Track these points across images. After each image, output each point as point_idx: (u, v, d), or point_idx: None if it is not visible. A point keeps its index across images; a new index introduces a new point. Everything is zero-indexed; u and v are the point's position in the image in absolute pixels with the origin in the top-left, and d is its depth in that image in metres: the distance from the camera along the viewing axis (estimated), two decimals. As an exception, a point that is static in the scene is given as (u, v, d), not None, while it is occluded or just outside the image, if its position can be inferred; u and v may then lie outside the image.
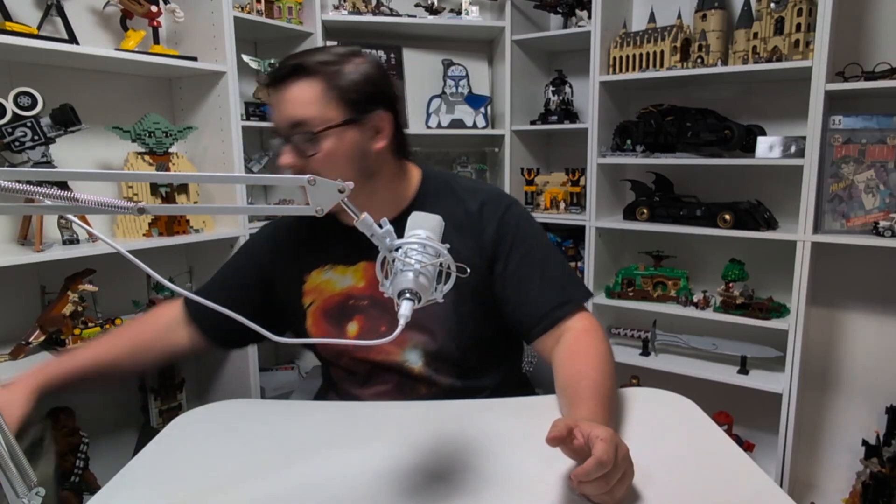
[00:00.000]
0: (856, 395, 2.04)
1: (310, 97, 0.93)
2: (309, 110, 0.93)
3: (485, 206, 1.06)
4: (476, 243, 1.03)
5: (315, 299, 1.08)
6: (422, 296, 0.65)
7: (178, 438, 0.90)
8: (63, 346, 1.55)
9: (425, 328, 1.03)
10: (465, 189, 1.09)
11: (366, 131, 0.97)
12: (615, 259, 2.33)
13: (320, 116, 0.93)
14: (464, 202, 1.06)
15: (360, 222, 0.65)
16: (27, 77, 1.61)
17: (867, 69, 1.78)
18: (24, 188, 0.52)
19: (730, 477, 0.77)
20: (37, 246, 1.49)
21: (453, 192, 1.08)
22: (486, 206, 1.06)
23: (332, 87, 0.94)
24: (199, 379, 2.13)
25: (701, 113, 2.00)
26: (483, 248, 1.03)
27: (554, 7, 2.25)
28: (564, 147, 2.55)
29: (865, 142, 1.75)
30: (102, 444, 1.88)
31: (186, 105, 1.97)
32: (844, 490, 2.01)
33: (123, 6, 1.72)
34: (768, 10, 1.81)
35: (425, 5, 2.28)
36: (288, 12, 2.09)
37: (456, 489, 0.73)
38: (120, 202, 0.56)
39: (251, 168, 2.11)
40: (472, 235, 1.04)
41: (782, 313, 1.91)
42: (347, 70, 0.95)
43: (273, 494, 0.73)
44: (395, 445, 0.84)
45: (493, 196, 1.08)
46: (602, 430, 0.69)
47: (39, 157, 1.51)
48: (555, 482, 0.75)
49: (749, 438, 2.14)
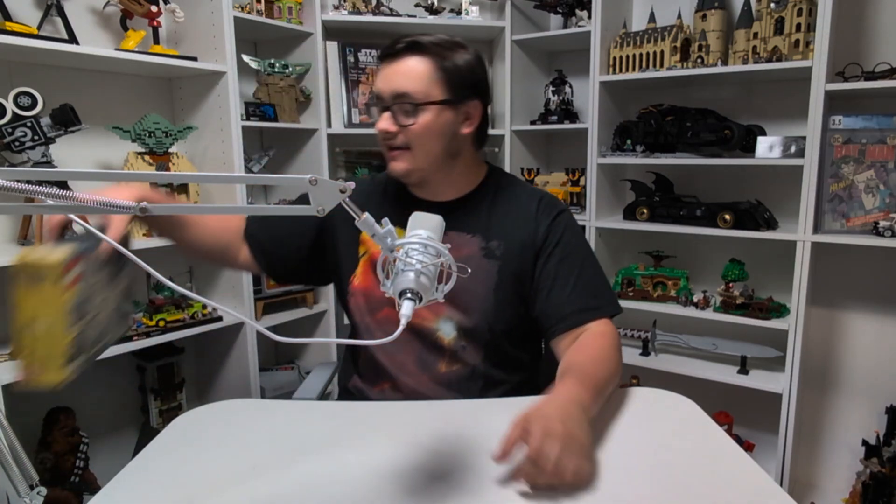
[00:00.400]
0: (856, 395, 2.04)
1: (419, 73, 1.02)
2: (416, 84, 1.01)
3: (541, 205, 1.14)
4: (529, 236, 1.10)
5: (368, 249, 1.12)
6: (423, 296, 0.65)
7: (178, 438, 0.90)
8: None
9: (463, 304, 1.06)
10: (525, 188, 1.18)
11: (459, 115, 1.06)
12: (615, 259, 2.33)
13: (424, 92, 1.02)
14: (524, 198, 1.15)
15: (361, 222, 0.65)
16: (27, 77, 1.61)
17: (867, 69, 1.78)
18: (25, 188, 0.52)
19: (730, 477, 0.77)
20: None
21: (515, 189, 1.17)
22: (543, 205, 1.14)
23: (441, 69, 1.03)
24: (199, 379, 2.13)
25: (701, 113, 2.00)
26: (533, 242, 1.10)
27: (554, 7, 2.25)
28: (564, 147, 2.55)
29: (865, 142, 1.75)
30: (102, 444, 1.88)
31: (186, 105, 1.97)
32: (844, 490, 2.01)
33: (123, 6, 1.72)
34: (768, 10, 1.81)
35: (425, 5, 2.28)
36: (288, 12, 2.09)
37: (456, 489, 0.73)
38: (121, 202, 0.56)
39: (251, 168, 2.11)
40: (527, 229, 1.11)
41: (782, 313, 1.91)
42: (456, 57, 1.04)
43: (273, 494, 0.73)
44: (395, 445, 0.84)
45: (550, 198, 1.18)
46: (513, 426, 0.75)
47: (39, 157, 1.51)
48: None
49: (749, 438, 2.13)
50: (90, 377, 1.82)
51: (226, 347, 2.01)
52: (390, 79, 1.02)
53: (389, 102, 1.02)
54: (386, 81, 1.03)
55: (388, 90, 1.02)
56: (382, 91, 1.03)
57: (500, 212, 1.12)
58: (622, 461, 0.80)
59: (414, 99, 1.01)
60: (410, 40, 1.03)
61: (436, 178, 1.09)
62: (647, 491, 0.73)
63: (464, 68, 1.05)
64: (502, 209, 1.12)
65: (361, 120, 2.29)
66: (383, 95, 1.03)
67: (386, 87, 1.03)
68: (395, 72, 1.02)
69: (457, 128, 1.06)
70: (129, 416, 1.97)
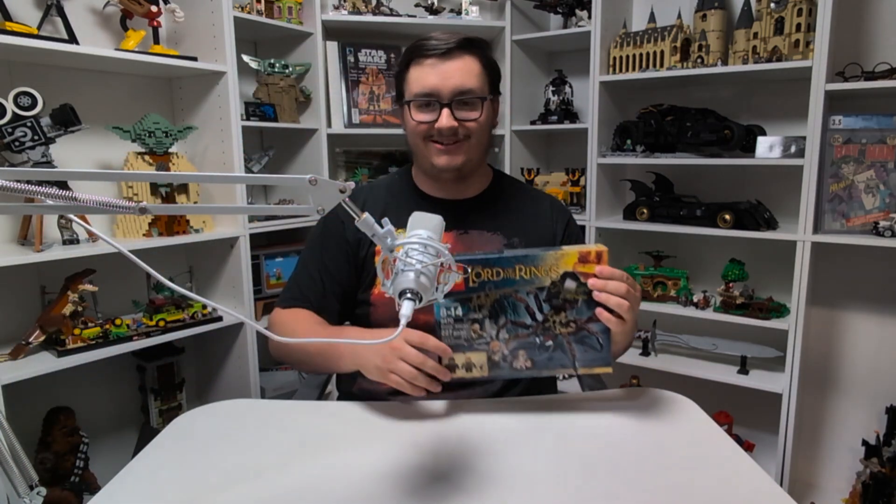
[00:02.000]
0: (856, 395, 2.04)
1: (475, 70, 1.08)
2: (476, 81, 1.07)
3: (554, 207, 1.23)
4: (547, 235, 1.18)
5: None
6: (423, 296, 0.65)
7: (178, 438, 0.90)
8: (63, 345, 1.55)
9: None
10: (528, 188, 1.26)
11: (494, 110, 1.15)
12: (615, 259, 2.29)
13: (481, 87, 1.08)
14: (534, 197, 1.23)
15: (360, 222, 0.65)
16: (27, 77, 1.61)
17: (867, 69, 1.78)
18: (25, 188, 0.52)
19: (730, 477, 0.77)
20: (37, 246, 1.49)
21: (521, 188, 1.25)
22: (556, 207, 1.23)
23: (485, 66, 1.10)
24: (199, 379, 2.13)
25: (701, 113, 2.00)
26: (552, 242, 1.18)
27: (554, 7, 2.25)
28: (564, 147, 2.55)
29: (865, 142, 1.75)
30: (102, 444, 1.88)
31: (186, 105, 1.97)
32: (844, 490, 2.01)
33: (123, 6, 1.72)
34: (768, 10, 1.81)
35: (425, 5, 2.28)
36: (288, 12, 2.09)
37: (456, 489, 0.73)
38: (121, 202, 0.56)
39: (251, 168, 2.11)
40: (545, 228, 1.19)
41: (782, 313, 1.91)
42: (490, 56, 1.12)
43: (273, 494, 0.73)
44: (395, 445, 0.84)
45: (556, 201, 1.26)
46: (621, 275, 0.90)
47: (39, 157, 1.51)
48: (555, 482, 0.75)
49: (749, 438, 2.13)
50: (90, 377, 1.82)
51: (226, 347, 2.01)
52: (450, 75, 1.05)
53: (449, 98, 1.05)
54: (444, 78, 1.05)
55: (448, 87, 1.05)
56: (440, 88, 1.05)
57: (516, 209, 1.18)
58: (622, 461, 0.80)
59: (477, 94, 1.07)
60: (463, 38, 1.07)
61: (475, 172, 1.16)
62: (648, 491, 0.73)
63: (496, 67, 1.13)
64: (516, 207, 1.18)
65: (362, 120, 2.29)
66: (441, 92, 1.05)
67: (445, 84, 1.05)
68: (455, 69, 1.05)
69: (494, 122, 1.15)
70: (129, 416, 1.97)
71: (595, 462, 0.80)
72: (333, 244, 1.17)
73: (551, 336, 0.89)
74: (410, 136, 1.13)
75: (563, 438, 0.86)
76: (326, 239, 1.19)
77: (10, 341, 1.56)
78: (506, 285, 0.88)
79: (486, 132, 1.12)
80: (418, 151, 1.13)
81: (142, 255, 0.65)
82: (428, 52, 1.06)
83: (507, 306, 0.89)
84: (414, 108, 1.08)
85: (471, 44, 1.07)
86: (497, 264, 0.88)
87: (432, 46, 1.06)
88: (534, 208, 1.21)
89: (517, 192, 1.23)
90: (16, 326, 1.62)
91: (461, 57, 1.06)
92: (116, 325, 1.67)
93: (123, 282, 1.83)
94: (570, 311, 0.88)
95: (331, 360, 1.05)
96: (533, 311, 0.89)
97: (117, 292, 1.82)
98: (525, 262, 0.88)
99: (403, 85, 1.11)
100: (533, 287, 0.88)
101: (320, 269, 1.17)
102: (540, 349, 0.89)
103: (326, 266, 1.17)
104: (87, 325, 1.61)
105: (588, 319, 0.88)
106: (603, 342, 0.88)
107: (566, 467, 0.79)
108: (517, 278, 0.88)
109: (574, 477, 0.77)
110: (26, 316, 1.63)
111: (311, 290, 1.16)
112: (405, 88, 1.11)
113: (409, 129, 1.12)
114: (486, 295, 0.89)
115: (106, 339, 1.63)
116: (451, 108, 1.05)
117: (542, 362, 0.90)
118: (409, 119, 1.10)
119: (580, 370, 0.90)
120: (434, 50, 1.06)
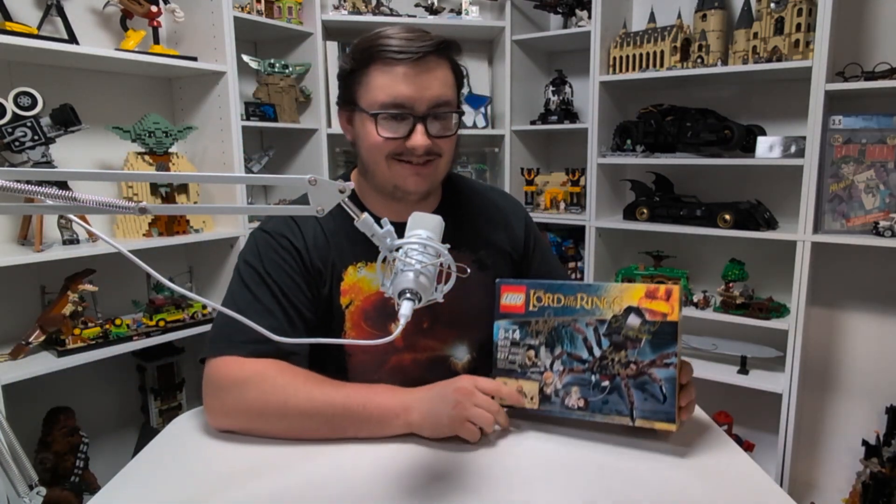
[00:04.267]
0: (856, 395, 2.04)
1: (450, 80, 0.93)
2: (451, 92, 0.93)
3: (507, 204, 1.13)
4: (509, 238, 1.09)
5: (353, 299, 0.98)
6: (422, 296, 0.65)
7: (178, 438, 0.90)
8: (63, 345, 1.55)
9: (471, 323, 1.02)
10: (481, 186, 1.14)
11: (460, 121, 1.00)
12: (615, 259, 2.33)
13: (454, 99, 0.94)
14: (489, 198, 1.12)
15: (360, 222, 0.65)
16: (27, 77, 1.61)
17: (867, 69, 1.78)
18: (25, 188, 0.52)
19: (730, 477, 0.77)
20: (37, 246, 1.49)
21: (474, 189, 1.12)
22: (508, 204, 1.13)
23: (455, 73, 0.95)
24: (199, 379, 2.12)
25: (701, 113, 2.00)
26: (515, 244, 1.10)
27: (554, 7, 2.25)
28: (564, 147, 2.55)
29: (865, 142, 1.75)
30: (102, 444, 1.88)
31: (186, 105, 1.97)
32: (844, 490, 2.01)
33: (123, 6, 1.72)
34: (768, 10, 1.81)
35: (425, 5, 2.28)
36: (288, 12, 2.09)
37: (456, 489, 0.73)
38: (121, 202, 0.56)
39: (251, 168, 2.11)
40: (505, 230, 1.09)
41: (782, 313, 1.91)
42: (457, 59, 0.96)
43: (273, 494, 0.73)
44: (395, 445, 0.84)
45: (509, 196, 1.17)
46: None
47: (39, 157, 1.51)
48: (554, 481, 0.75)
49: (749, 438, 2.13)
50: (90, 377, 1.82)
51: (226, 347, 2.01)
52: (426, 85, 0.89)
53: (425, 112, 0.90)
54: (419, 89, 0.89)
55: (423, 99, 0.89)
56: (414, 100, 0.89)
57: (472, 220, 1.06)
58: (622, 461, 0.80)
59: (454, 107, 0.93)
60: (438, 40, 0.90)
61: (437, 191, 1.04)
62: (648, 491, 0.73)
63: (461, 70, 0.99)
64: (471, 216, 1.06)
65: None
66: (416, 105, 0.89)
67: (421, 96, 0.89)
68: (432, 78, 0.90)
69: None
70: (129, 416, 1.97)
71: (594, 462, 0.80)
72: (289, 271, 0.95)
73: (608, 376, 0.82)
74: (369, 151, 0.93)
75: (562, 438, 0.86)
76: (277, 266, 0.94)
77: (10, 341, 1.56)
78: (565, 313, 0.85)
79: (456, 148, 0.98)
80: (377, 170, 0.94)
81: (142, 255, 0.65)
82: (398, 56, 0.88)
83: (565, 336, 0.85)
84: (380, 121, 0.90)
85: (446, 47, 0.91)
86: (559, 290, 0.86)
87: (403, 49, 0.88)
88: (489, 213, 1.09)
89: (471, 200, 1.09)
90: (16, 326, 1.62)
91: (437, 63, 0.90)
92: (116, 325, 1.67)
93: (123, 282, 1.83)
94: (632, 350, 0.81)
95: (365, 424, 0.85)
96: (591, 344, 0.83)
97: (117, 292, 1.82)
98: (588, 291, 0.84)
99: (358, 88, 0.92)
100: (593, 319, 0.83)
101: (279, 300, 0.93)
102: (595, 388, 0.83)
103: (287, 295, 0.93)
104: (87, 325, 1.61)
105: (651, 363, 0.80)
106: (667, 392, 0.79)
107: (565, 467, 0.79)
108: (578, 307, 0.84)
109: (572, 476, 0.77)
110: (26, 316, 1.63)
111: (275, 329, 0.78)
112: (361, 93, 0.92)
113: (368, 144, 0.93)
114: (544, 321, 0.86)
115: (106, 339, 1.63)
116: (425, 124, 0.90)
117: (596, 404, 0.83)
118: (370, 132, 0.91)
119: (637, 421, 0.80)
120: (405, 54, 0.88)
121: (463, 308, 0.73)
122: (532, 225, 1.14)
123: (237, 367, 0.88)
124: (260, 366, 0.88)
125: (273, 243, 0.97)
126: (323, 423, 0.85)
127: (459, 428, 0.82)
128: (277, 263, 0.95)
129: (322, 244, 0.98)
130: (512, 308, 0.89)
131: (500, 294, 0.91)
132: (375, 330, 0.99)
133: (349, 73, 0.94)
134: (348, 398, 0.85)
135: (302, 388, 0.85)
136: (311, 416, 0.85)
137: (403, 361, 1.01)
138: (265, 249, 0.96)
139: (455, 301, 0.76)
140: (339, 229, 0.98)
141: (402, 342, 1.00)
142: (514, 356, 0.87)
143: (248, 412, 0.86)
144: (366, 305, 0.99)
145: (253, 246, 0.98)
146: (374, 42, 0.90)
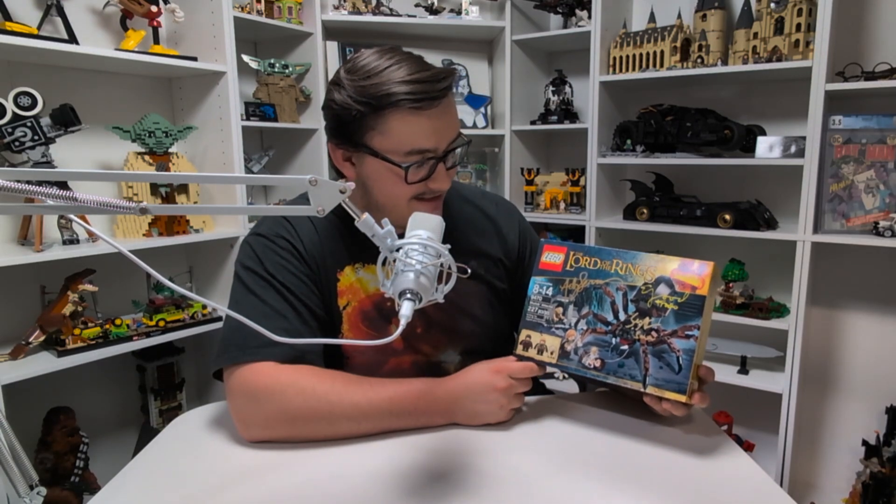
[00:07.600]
0: (856, 395, 2.04)
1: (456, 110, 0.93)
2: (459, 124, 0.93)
3: (499, 211, 1.10)
4: (502, 246, 1.07)
5: (350, 301, 0.98)
6: (423, 296, 0.65)
7: (179, 438, 0.90)
8: (63, 345, 1.55)
9: (463, 331, 1.03)
10: (472, 194, 1.12)
11: None
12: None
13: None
14: (479, 206, 1.09)
15: (361, 223, 0.65)
16: (27, 77, 1.61)
17: (867, 69, 1.78)
18: (25, 188, 0.52)
19: (730, 477, 0.77)
20: (37, 246, 1.49)
21: (465, 199, 1.09)
22: (501, 211, 1.11)
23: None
24: (199, 379, 2.13)
25: (701, 113, 2.00)
26: (509, 252, 1.08)
27: (554, 7, 2.25)
28: (564, 147, 2.55)
29: (865, 142, 1.75)
30: (102, 444, 1.88)
31: (186, 105, 1.97)
32: (844, 490, 2.01)
33: (123, 6, 1.72)
34: (768, 10, 1.81)
35: (425, 5, 2.28)
36: (288, 12, 2.09)
37: (456, 489, 0.73)
38: (121, 202, 0.56)
39: (251, 168, 2.11)
40: (497, 238, 1.08)
41: (782, 313, 1.91)
42: None
43: (273, 494, 0.73)
44: (394, 445, 0.84)
45: (502, 201, 1.14)
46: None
47: (39, 157, 1.51)
48: (554, 482, 0.75)
49: (749, 438, 2.14)
50: (90, 377, 1.82)
51: (226, 347, 2.01)
52: (448, 124, 0.88)
53: (445, 152, 0.89)
54: (444, 134, 0.88)
55: (445, 140, 0.88)
56: (438, 143, 0.87)
57: (460, 230, 1.04)
58: (622, 461, 0.80)
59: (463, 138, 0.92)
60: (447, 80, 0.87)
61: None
62: (647, 491, 0.73)
63: None
64: (460, 226, 1.04)
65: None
66: (439, 147, 0.88)
67: (444, 138, 0.88)
68: (450, 117, 0.89)
69: None
70: (129, 416, 1.97)
71: (594, 462, 0.80)
72: (293, 270, 0.94)
73: (629, 341, 0.83)
74: (388, 196, 0.91)
75: (562, 438, 0.86)
76: (280, 267, 0.93)
77: (10, 341, 1.57)
78: (599, 276, 0.87)
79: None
80: (395, 210, 0.90)
81: (142, 255, 0.65)
82: (423, 98, 0.84)
83: (594, 297, 0.87)
84: (411, 170, 0.87)
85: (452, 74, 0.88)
86: (597, 255, 0.88)
87: (421, 98, 0.84)
88: (478, 221, 1.07)
89: (462, 210, 1.06)
90: (16, 326, 1.62)
91: (448, 100, 0.88)
92: (116, 325, 1.67)
93: (123, 282, 1.83)
94: (656, 318, 0.82)
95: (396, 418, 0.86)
96: (618, 308, 0.85)
97: (117, 292, 1.82)
98: (625, 258, 0.86)
99: (369, 132, 0.87)
100: (624, 284, 0.85)
101: (288, 300, 0.91)
102: (613, 351, 0.84)
103: (295, 295, 0.92)
104: (87, 325, 1.61)
105: (672, 333, 0.80)
106: (683, 363, 0.78)
107: (565, 467, 0.79)
108: (612, 271, 0.86)
109: (573, 476, 0.77)
110: (26, 316, 1.63)
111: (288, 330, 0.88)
112: (376, 138, 0.87)
113: (388, 190, 0.90)
114: (577, 281, 0.89)
115: (106, 339, 1.63)
116: (444, 162, 0.89)
117: (611, 366, 0.83)
118: (389, 178, 0.89)
119: (649, 388, 0.80)
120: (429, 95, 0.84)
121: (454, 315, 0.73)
122: (527, 230, 1.12)
123: (268, 374, 0.86)
124: (294, 372, 0.86)
125: (272, 245, 0.96)
126: (370, 426, 0.86)
127: (506, 416, 0.89)
128: (280, 264, 0.94)
129: (317, 244, 0.98)
130: (550, 266, 0.92)
131: (541, 252, 0.94)
132: (373, 331, 0.99)
133: (356, 116, 0.86)
134: (391, 402, 0.86)
135: (344, 393, 0.85)
136: (358, 421, 0.85)
137: (403, 364, 1.01)
138: (264, 252, 0.95)
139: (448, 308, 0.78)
140: (333, 229, 0.98)
141: (402, 344, 1.00)
142: (543, 311, 0.90)
143: (293, 421, 0.84)
144: (364, 306, 0.99)
145: (250, 251, 0.97)
146: (387, 90, 0.84)
